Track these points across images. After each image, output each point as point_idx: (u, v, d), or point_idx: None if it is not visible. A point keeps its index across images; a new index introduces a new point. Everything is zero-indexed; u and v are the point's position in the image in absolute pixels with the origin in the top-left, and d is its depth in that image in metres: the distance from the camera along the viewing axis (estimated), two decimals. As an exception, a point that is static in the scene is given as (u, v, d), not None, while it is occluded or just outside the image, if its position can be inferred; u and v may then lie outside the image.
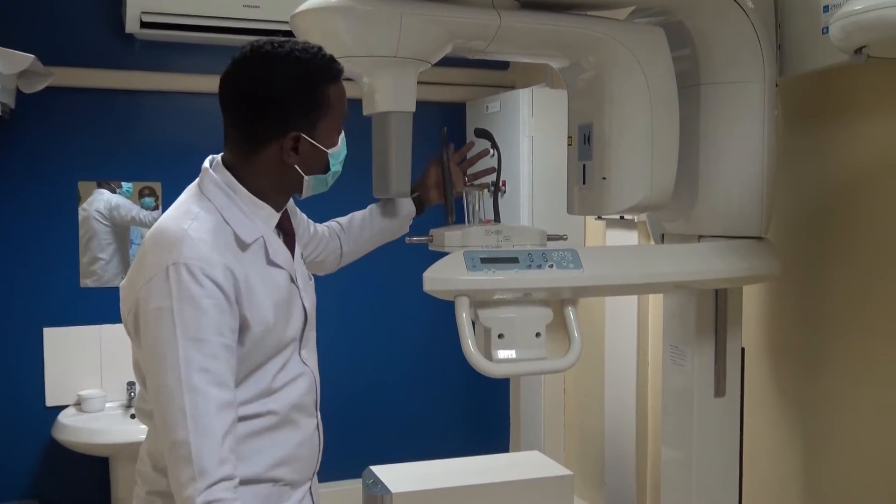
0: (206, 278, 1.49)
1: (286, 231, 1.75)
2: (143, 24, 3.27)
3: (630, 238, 3.09)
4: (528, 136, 3.46)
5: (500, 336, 1.89)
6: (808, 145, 2.34)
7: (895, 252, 2.11)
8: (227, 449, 1.48)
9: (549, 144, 3.40)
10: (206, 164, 1.67)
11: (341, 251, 2.11)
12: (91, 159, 3.47)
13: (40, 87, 3.21)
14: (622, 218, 3.07)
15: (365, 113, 1.93)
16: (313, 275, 1.90)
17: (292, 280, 1.69)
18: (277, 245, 1.67)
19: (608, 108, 2.01)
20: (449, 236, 1.91)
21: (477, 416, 4.07)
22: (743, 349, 2.32)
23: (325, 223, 2.10)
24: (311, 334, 1.78)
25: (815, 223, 2.35)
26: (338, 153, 1.68)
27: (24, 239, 3.40)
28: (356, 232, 2.12)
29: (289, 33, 1.89)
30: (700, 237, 2.16)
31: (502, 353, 1.89)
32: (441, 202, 2.11)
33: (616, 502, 3.27)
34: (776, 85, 2.13)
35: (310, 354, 1.75)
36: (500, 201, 2.11)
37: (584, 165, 2.08)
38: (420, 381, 3.91)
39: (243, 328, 1.56)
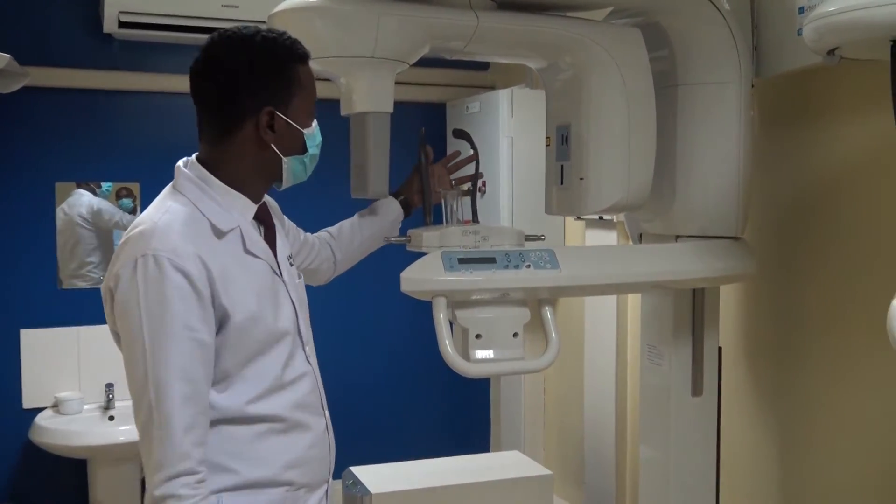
0: (174, 269, 1.49)
1: (266, 224, 1.73)
2: (122, 24, 3.25)
3: (609, 238, 3.10)
4: (508, 136, 3.46)
5: (478, 336, 1.89)
6: (785, 146, 2.36)
7: (871, 252, 2.13)
8: (189, 443, 1.47)
9: (528, 145, 3.40)
10: (180, 163, 1.67)
11: (334, 259, 2.10)
12: (69, 160, 3.45)
13: (17, 86, 3.19)
14: (601, 218, 3.08)
15: (343, 113, 1.92)
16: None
17: (275, 272, 1.68)
18: (254, 236, 1.66)
19: (585, 109, 2.01)
20: (427, 237, 1.91)
21: (457, 416, 4.07)
22: (720, 349, 2.33)
23: (314, 234, 2.09)
24: (310, 333, 1.78)
25: (792, 223, 2.36)
26: (313, 136, 1.68)
27: (1, 240, 3.37)
28: (346, 239, 2.11)
29: None
30: (677, 237, 2.17)
31: (480, 354, 1.89)
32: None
33: (596, 501, 3.28)
34: (752, 86, 2.15)
35: (312, 353, 1.76)
36: (481, 202, 2.11)
37: (561, 166, 2.08)
38: (400, 381, 3.91)
39: (224, 319, 1.55)
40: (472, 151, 2.08)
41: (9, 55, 2.97)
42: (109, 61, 3.47)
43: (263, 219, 1.72)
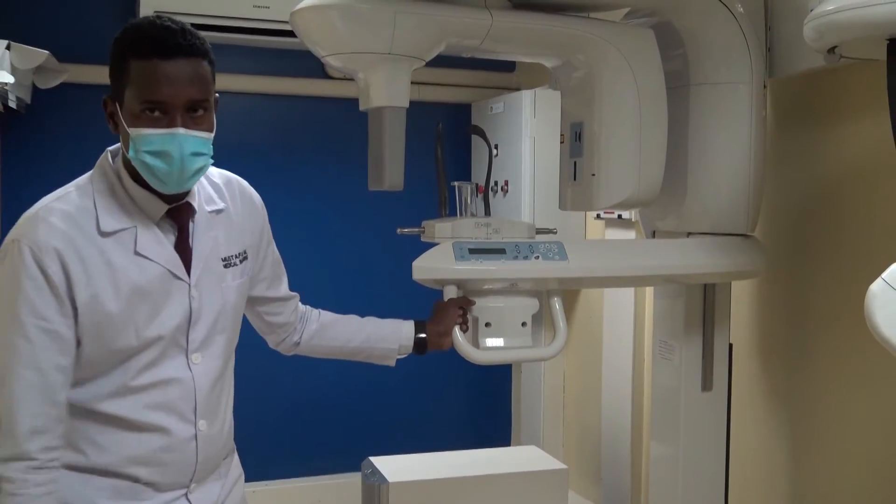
0: (33, 261, 1.48)
1: (181, 227, 1.64)
2: (156, 24, 3.32)
3: (628, 237, 3.11)
4: (531, 136, 3.49)
5: (488, 325, 1.93)
6: (797, 146, 2.36)
7: (880, 252, 2.13)
8: (27, 430, 1.48)
9: (550, 145, 3.40)
10: (109, 150, 1.65)
11: (294, 339, 1.97)
12: (101, 151, 3.51)
13: (55, 83, 3.26)
14: (619, 217, 3.10)
15: (361, 108, 1.95)
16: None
17: (175, 275, 1.60)
18: (151, 238, 1.58)
19: (598, 107, 2.04)
20: (440, 227, 1.95)
21: (478, 411, 4.08)
22: (731, 345, 2.34)
23: (321, 310, 2.02)
24: (219, 341, 1.68)
25: (803, 222, 2.36)
26: (140, 138, 1.50)
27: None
28: (333, 329, 2.00)
29: (294, 33, 1.92)
30: (689, 234, 2.18)
31: (490, 342, 1.93)
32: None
33: (611, 496, 3.28)
34: (765, 86, 2.16)
35: (208, 360, 1.66)
36: (503, 201, 2.13)
37: (574, 162, 2.11)
38: (422, 375, 3.91)
39: (79, 315, 1.52)
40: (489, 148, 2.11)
41: (47, 52, 3.05)
42: (144, 59, 3.53)
43: (180, 222, 1.63)
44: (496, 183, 3.60)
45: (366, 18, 1.83)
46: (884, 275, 1.32)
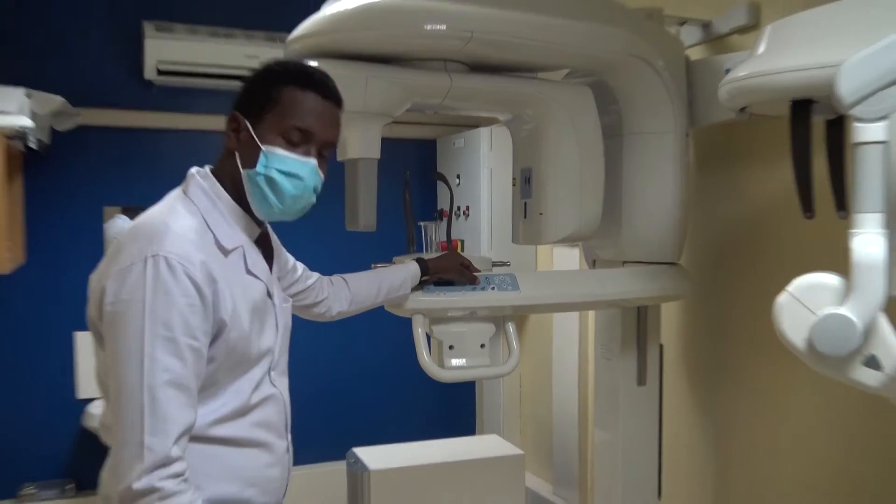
0: (185, 276, 1.26)
1: (265, 248, 1.53)
2: (160, 72, 3.27)
3: (573, 254, 3.11)
4: (488, 167, 3.48)
5: (451, 347, 1.92)
6: (716, 186, 2.37)
7: (786, 274, 2.14)
8: (179, 449, 1.26)
9: (504, 175, 3.41)
10: (193, 170, 1.46)
11: (338, 306, 1.85)
12: (114, 187, 3.45)
13: (71, 125, 3.22)
14: (565, 239, 3.09)
15: (339, 159, 1.93)
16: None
17: (269, 294, 1.46)
18: (256, 256, 1.44)
19: (544, 155, 2.03)
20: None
21: (447, 405, 4.06)
22: (661, 346, 2.35)
23: (331, 276, 1.88)
24: (284, 357, 1.54)
25: (722, 250, 2.37)
26: (272, 157, 1.38)
27: (58, 254, 3.39)
28: (356, 283, 1.88)
29: None
30: (624, 262, 2.19)
31: (453, 362, 1.92)
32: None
33: (562, 477, 3.30)
34: (687, 135, 2.16)
35: (279, 377, 1.51)
36: (465, 223, 2.11)
37: (525, 202, 2.10)
38: (398, 374, 3.90)
39: (219, 331, 1.33)
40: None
41: (62, 98, 3.01)
42: (149, 103, 3.47)
43: (263, 243, 1.52)
44: (458, 208, 3.58)
45: (342, 82, 1.76)
46: (788, 288, 1.32)
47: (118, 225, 3.48)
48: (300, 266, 1.78)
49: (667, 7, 2.37)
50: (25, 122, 2.76)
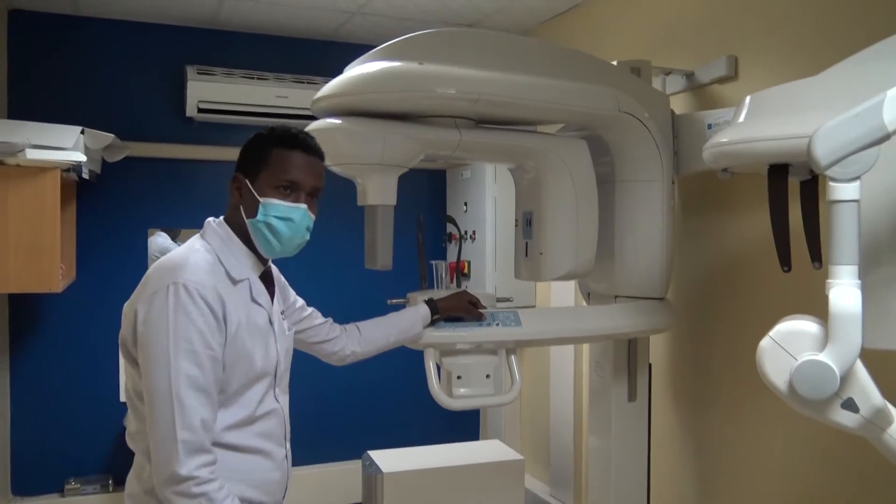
0: (200, 298, 1.39)
1: (269, 283, 1.63)
2: (200, 110, 3.29)
3: (569, 286, 3.10)
4: (493, 197, 3.47)
5: (459, 377, 1.91)
6: (700, 228, 2.37)
7: (761, 309, 2.14)
8: (206, 441, 1.37)
9: (508, 203, 3.41)
10: (209, 220, 1.59)
11: (351, 351, 1.89)
12: (158, 212, 3.47)
13: (120, 157, 3.23)
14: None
15: (358, 204, 1.94)
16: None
17: (270, 322, 1.56)
18: (260, 288, 1.56)
19: (544, 201, 2.03)
20: (421, 299, 1.93)
21: (453, 412, 4.04)
22: (650, 365, 2.34)
23: (348, 324, 1.91)
24: (285, 377, 1.64)
25: (705, 288, 2.37)
26: (269, 206, 1.50)
27: (105, 273, 3.41)
28: (369, 327, 1.91)
29: (308, 116, 1.91)
30: (616, 297, 2.18)
31: (461, 391, 1.92)
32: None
33: (558, 479, 3.29)
34: (673, 182, 2.16)
35: (281, 395, 1.60)
36: (472, 246, 2.10)
37: (526, 243, 2.10)
38: (409, 383, 3.90)
39: (228, 343, 1.44)
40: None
41: (113, 135, 3.02)
42: (190, 137, 3.49)
43: (267, 280, 1.62)
44: (466, 231, 3.58)
45: (362, 137, 1.83)
46: (771, 333, 1.29)
47: (158, 241, 3.51)
48: (309, 308, 1.84)
49: (654, 59, 2.37)
50: (80, 157, 2.77)
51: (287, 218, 1.51)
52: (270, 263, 1.66)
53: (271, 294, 1.61)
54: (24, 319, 3.31)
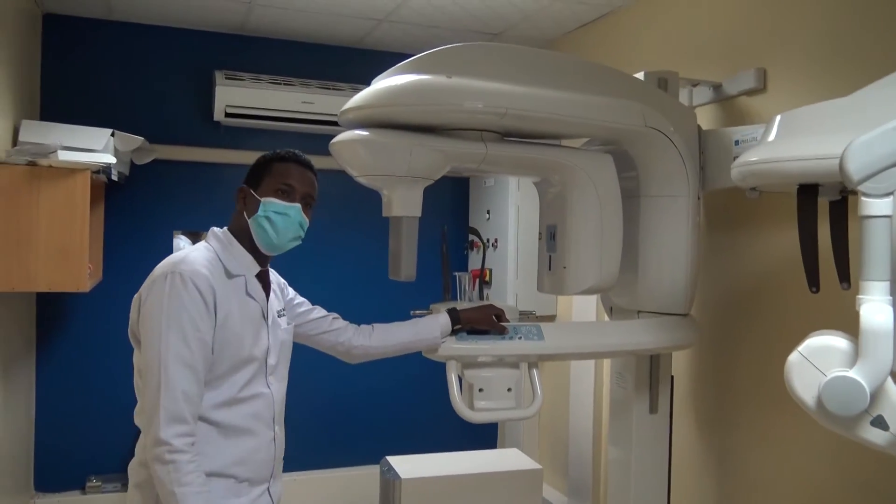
0: (193, 285, 1.57)
1: (265, 284, 1.79)
2: (227, 115, 3.31)
3: (591, 299, 3.08)
4: (516, 204, 3.46)
5: (481, 390, 1.91)
6: (725, 244, 2.35)
7: (787, 327, 2.12)
8: (188, 414, 1.53)
9: (530, 211, 3.40)
10: (214, 228, 1.78)
11: (358, 340, 1.95)
12: (185, 213, 3.50)
13: (148, 159, 3.27)
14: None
15: (384, 215, 1.94)
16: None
17: (263, 315, 1.73)
18: (255, 285, 1.74)
19: (569, 214, 2.02)
20: (444, 310, 1.93)
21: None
22: (672, 377, 2.32)
23: (368, 324, 1.97)
24: (282, 367, 1.79)
25: (730, 304, 2.35)
26: (270, 204, 1.72)
27: (131, 273, 3.40)
28: (384, 327, 1.98)
29: (333, 122, 1.97)
30: (639, 312, 2.16)
31: (482, 404, 1.91)
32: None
33: (576, 489, 3.27)
34: (699, 198, 2.14)
35: (276, 382, 1.76)
36: (495, 253, 2.10)
37: (550, 256, 2.09)
38: (428, 390, 3.90)
39: (217, 328, 1.61)
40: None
41: (142, 138, 3.06)
42: (217, 141, 3.52)
43: (263, 280, 1.78)
44: (488, 239, 3.58)
45: (389, 150, 1.83)
46: (800, 348, 1.28)
47: (178, 244, 3.54)
48: (312, 305, 1.97)
49: (681, 70, 2.35)
50: (109, 159, 2.81)
51: (283, 213, 1.72)
52: (269, 267, 1.83)
53: (267, 292, 1.78)
54: (51, 318, 3.36)
